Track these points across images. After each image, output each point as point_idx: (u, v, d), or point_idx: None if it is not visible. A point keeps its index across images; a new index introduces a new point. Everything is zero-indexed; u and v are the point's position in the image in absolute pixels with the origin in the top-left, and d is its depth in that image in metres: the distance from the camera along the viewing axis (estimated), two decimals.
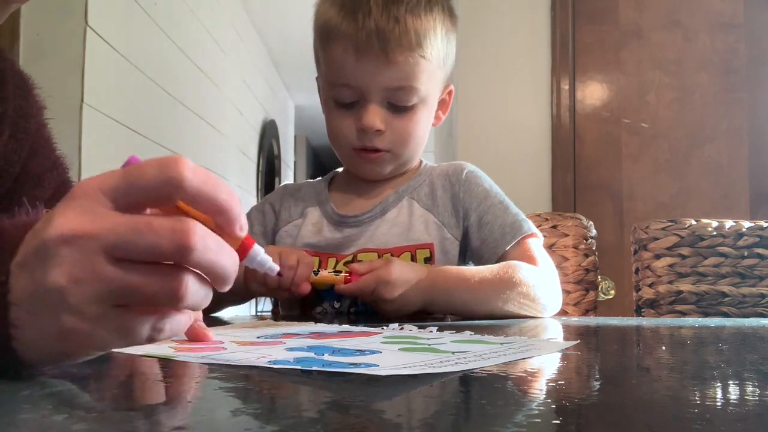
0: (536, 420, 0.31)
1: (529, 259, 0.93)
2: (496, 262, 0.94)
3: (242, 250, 0.40)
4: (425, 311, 0.88)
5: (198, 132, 2.87)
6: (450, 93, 1.04)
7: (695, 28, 2.53)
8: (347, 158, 1.01)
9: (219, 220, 0.38)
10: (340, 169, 1.11)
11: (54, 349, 0.36)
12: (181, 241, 0.34)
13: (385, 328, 0.62)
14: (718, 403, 0.35)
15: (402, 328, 0.62)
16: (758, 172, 2.48)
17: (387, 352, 0.46)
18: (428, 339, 0.52)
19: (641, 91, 2.53)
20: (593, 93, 2.57)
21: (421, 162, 1.08)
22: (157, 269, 0.35)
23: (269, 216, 1.08)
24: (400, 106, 0.94)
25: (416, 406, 0.33)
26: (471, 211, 0.99)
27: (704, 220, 1.18)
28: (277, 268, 0.42)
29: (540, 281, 0.90)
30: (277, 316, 1.14)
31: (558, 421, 0.30)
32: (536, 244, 0.97)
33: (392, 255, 0.94)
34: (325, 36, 0.97)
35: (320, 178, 1.13)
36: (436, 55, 0.94)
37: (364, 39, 0.90)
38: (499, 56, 2.53)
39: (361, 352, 0.45)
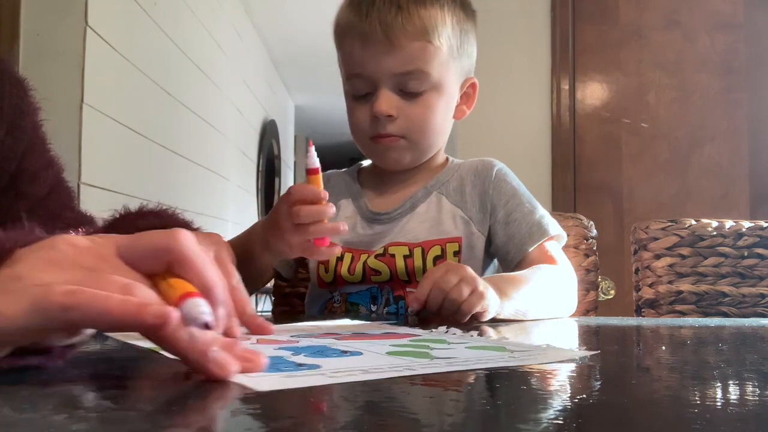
0: (536, 420, 0.31)
1: (550, 260, 0.95)
2: (520, 259, 0.97)
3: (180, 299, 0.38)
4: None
5: (198, 132, 2.87)
6: (474, 87, 1.05)
7: (695, 28, 2.53)
8: (367, 149, 1.01)
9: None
10: (365, 163, 1.11)
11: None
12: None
13: (433, 330, 0.62)
14: (718, 403, 0.35)
15: (446, 331, 0.61)
16: (758, 172, 2.48)
17: (368, 353, 0.46)
18: (438, 344, 0.51)
19: (641, 91, 2.53)
20: (593, 93, 2.57)
21: (447, 159, 1.09)
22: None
23: None
24: (411, 92, 0.95)
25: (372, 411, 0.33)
26: (499, 208, 1.00)
27: (704, 220, 1.18)
28: (209, 320, 0.37)
29: (565, 284, 0.94)
30: (276, 316, 1.14)
31: (559, 422, 0.30)
32: (556, 246, 0.99)
33: (423, 248, 0.96)
34: (338, 35, 0.99)
35: (344, 169, 1.13)
36: (446, 43, 0.95)
37: (368, 28, 0.93)
38: (499, 56, 2.53)
39: (345, 353, 0.46)
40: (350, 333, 0.60)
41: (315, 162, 0.80)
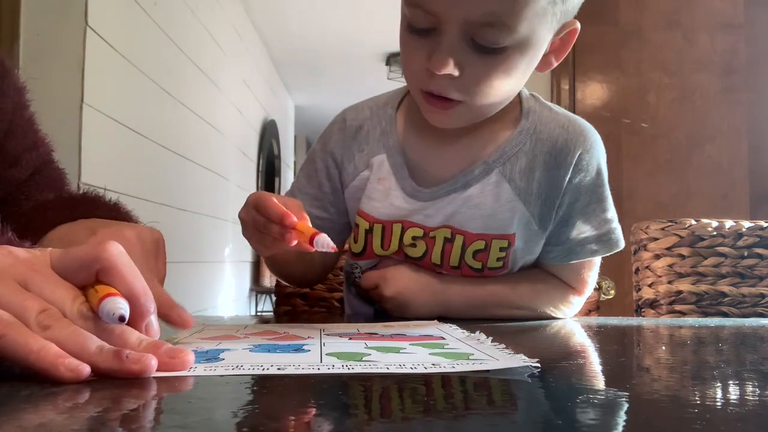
0: (537, 420, 0.31)
1: (579, 281, 0.86)
2: (553, 265, 0.86)
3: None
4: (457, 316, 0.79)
5: (198, 132, 2.87)
6: (573, 33, 0.77)
7: (695, 28, 2.53)
8: (415, 96, 0.80)
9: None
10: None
11: None
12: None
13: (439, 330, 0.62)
14: (718, 403, 0.35)
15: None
16: (758, 172, 2.48)
17: (313, 353, 0.47)
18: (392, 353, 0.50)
19: (641, 91, 2.53)
20: (593, 93, 2.57)
21: (520, 105, 0.84)
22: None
23: (333, 170, 0.88)
24: (485, 46, 0.70)
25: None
26: (567, 205, 0.82)
27: (704, 221, 1.18)
28: (124, 313, 0.40)
29: (570, 309, 0.87)
30: (279, 316, 1.13)
31: (559, 422, 0.30)
32: (597, 266, 0.87)
33: (464, 238, 0.81)
34: None
35: (384, 99, 0.89)
36: None
37: None
38: None
39: (297, 350, 0.48)
40: (337, 333, 0.60)
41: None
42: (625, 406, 0.34)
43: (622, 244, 0.85)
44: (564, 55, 0.80)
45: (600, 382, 0.42)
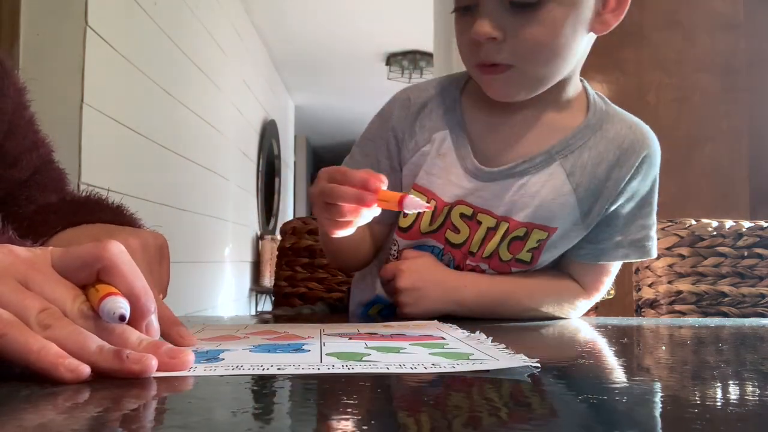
0: (537, 420, 0.31)
1: (595, 284, 0.85)
2: (578, 263, 0.85)
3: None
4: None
5: (198, 132, 2.87)
6: None
7: (695, 28, 2.53)
8: (475, 77, 0.81)
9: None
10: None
11: None
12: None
13: (441, 330, 0.62)
14: (718, 403, 0.35)
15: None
16: (758, 172, 2.48)
17: (314, 353, 0.47)
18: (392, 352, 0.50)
19: (641, 91, 2.53)
20: None
21: (587, 100, 0.84)
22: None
23: (392, 147, 0.87)
24: (520, 2, 0.71)
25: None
26: (618, 206, 0.81)
27: (704, 220, 1.18)
28: (124, 312, 0.40)
29: (575, 312, 0.87)
30: (277, 316, 1.13)
31: (559, 422, 0.30)
32: (615, 273, 0.87)
33: (508, 226, 0.81)
34: None
35: (450, 79, 0.89)
36: None
37: None
38: None
39: (297, 350, 0.48)
40: (337, 332, 0.60)
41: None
42: (626, 406, 0.34)
43: (654, 253, 0.84)
44: (624, 10, 0.77)
45: (600, 383, 0.42)
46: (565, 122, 0.82)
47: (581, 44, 0.78)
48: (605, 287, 0.87)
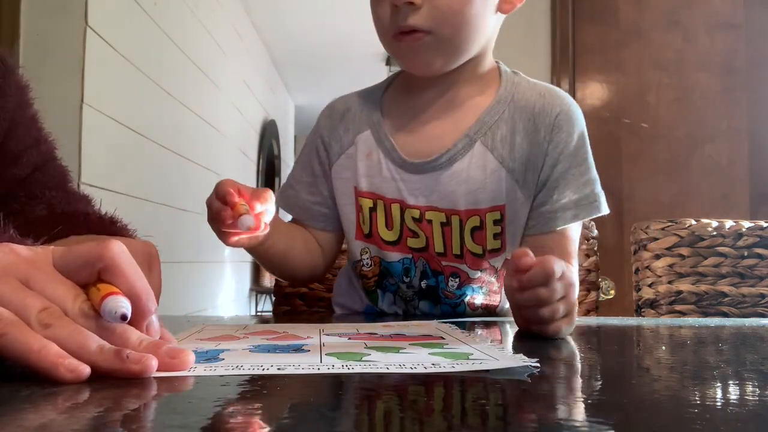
0: (536, 420, 0.31)
1: (565, 255, 0.80)
2: (531, 235, 0.82)
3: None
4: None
5: (198, 132, 2.87)
6: None
7: (695, 28, 2.52)
8: (391, 50, 0.84)
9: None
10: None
11: None
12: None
13: (440, 328, 0.62)
14: (718, 403, 0.35)
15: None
16: (758, 172, 2.48)
17: (312, 353, 0.47)
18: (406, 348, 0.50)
19: (641, 91, 2.53)
20: (593, 93, 2.57)
21: (499, 72, 0.89)
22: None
23: (322, 153, 0.92)
24: None
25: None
26: (548, 168, 0.82)
27: (704, 221, 1.17)
28: (126, 312, 0.40)
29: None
30: (278, 316, 1.13)
31: (559, 422, 0.30)
32: (578, 232, 0.85)
33: (460, 218, 0.82)
34: None
35: (373, 86, 0.95)
36: None
37: None
38: (498, 56, 2.53)
39: (297, 350, 0.48)
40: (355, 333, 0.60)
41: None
42: (626, 406, 0.34)
43: (604, 209, 0.84)
44: None
45: (600, 382, 0.42)
46: (479, 100, 0.85)
47: (491, 21, 0.82)
48: (573, 256, 0.82)
